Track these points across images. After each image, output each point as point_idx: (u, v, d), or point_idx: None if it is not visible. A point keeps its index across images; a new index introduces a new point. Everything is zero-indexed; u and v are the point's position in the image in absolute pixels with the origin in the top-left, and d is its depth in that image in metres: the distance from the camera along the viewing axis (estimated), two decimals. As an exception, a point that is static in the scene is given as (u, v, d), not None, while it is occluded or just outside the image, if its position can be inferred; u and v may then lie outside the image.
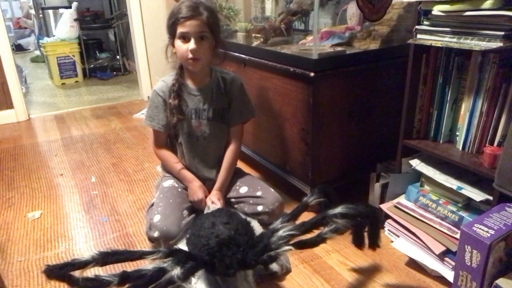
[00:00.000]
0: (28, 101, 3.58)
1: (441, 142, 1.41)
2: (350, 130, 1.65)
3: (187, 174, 1.58)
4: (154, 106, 1.55)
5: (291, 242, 1.03)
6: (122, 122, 3.02)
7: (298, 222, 1.09)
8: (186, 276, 0.95)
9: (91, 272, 1.24)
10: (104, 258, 0.98)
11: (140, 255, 1.01)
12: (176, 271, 0.93)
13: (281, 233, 1.03)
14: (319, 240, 1.04)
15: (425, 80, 1.39)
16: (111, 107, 3.43)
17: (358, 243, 1.20)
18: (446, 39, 1.24)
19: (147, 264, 0.96)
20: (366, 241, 1.18)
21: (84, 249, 1.52)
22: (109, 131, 2.83)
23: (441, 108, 1.38)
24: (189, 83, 1.54)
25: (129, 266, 1.30)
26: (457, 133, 1.36)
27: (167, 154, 1.61)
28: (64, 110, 3.39)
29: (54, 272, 1.01)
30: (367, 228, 1.16)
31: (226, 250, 1.01)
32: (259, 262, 1.02)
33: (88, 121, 3.08)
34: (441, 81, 1.35)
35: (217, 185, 1.57)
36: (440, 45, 1.26)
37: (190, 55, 1.41)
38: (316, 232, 1.05)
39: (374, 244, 1.18)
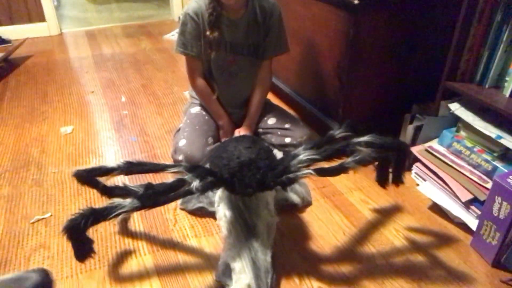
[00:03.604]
0: (60, 15, 3.54)
1: (486, 87, 1.31)
2: (390, 69, 1.55)
3: (220, 110, 1.55)
4: (187, 32, 1.44)
5: (312, 168, 1.01)
6: (152, 43, 2.97)
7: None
8: (205, 189, 0.97)
9: (119, 181, 1.30)
10: (129, 167, 1.02)
11: (163, 167, 1.03)
12: (195, 183, 0.96)
13: (301, 157, 1.01)
14: (341, 169, 1.00)
15: (480, 17, 1.26)
16: (141, 26, 3.36)
17: (382, 180, 1.17)
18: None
19: (170, 179, 0.99)
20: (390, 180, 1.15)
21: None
22: (139, 51, 2.80)
23: (494, 50, 1.27)
24: (224, 13, 1.44)
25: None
26: (507, 79, 1.26)
27: (203, 86, 1.53)
28: (95, 26, 3.35)
29: (83, 175, 1.07)
30: (392, 165, 1.12)
31: (246, 171, 1.01)
32: (278, 183, 1.02)
33: (119, 40, 3.05)
34: (499, 18, 1.22)
35: (246, 121, 1.55)
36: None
37: None
38: (338, 162, 1.02)
39: (398, 179, 1.13)
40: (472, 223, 1.21)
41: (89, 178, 1.11)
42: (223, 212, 1.13)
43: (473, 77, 1.35)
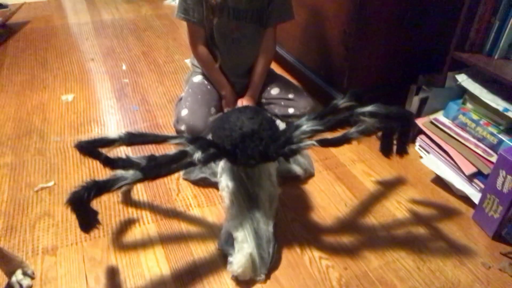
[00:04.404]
0: (57, -22, 3.43)
1: (496, 58, 1.28)
2: (397, 38, 1.51)
3: (222, 79, 1.52)
4: None
5: (315, 139, 1.00)
6: (152, 9, 2.90)
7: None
8: (207, 161, 0.97)
9: (121, 153, 1.30)
10: (131, 138, 1.01)
11: (165, 138, 1.03)
12: (198, 155, 0.95)
13: (304, 128, 1.00)
14: (344, 140, 0.99)
15: (493, -16, 1.21)
16: (141, -9, 3.27)
17: (386, 151, 1.14)
18: None
19: (172, 150, 0.99)
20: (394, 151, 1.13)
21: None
22: (139, 18, 2.73)
23: (505, 19, 1.23)
24: None
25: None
26: (517, 50, 1.22)
27: (205, 54, 1.49)
28: (94, -9, 3.25)
29: (85, 147, 1.06)
30: (396, 135, 1.10)
31: (249, 141, 1.01)
32: (280, 154, 1.01)
33: (118, 5, 2.97)
34: (513, -14, 1.18)
35: (249, 91, 1.52)
36: None
37: None
38: (342, 132, 1.00)
39: (403, 150, 1.10)
40: (475, 196, 1.21)
41: (90, 149, 1.10)
42: (225, 182, 1.13)
43: (483, 47, 1.31)
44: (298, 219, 1.20)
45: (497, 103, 1.23)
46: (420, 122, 1.41)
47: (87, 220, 0.97)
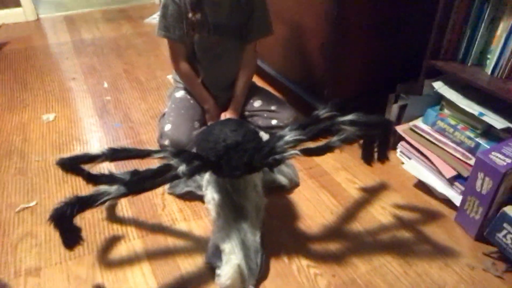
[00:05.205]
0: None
1: (469, 65, 1.33)
2: (374, 48, 1.55)
3: (205, 94, 1.53)
4: (169, 15, 1.41)
5: (298, 148, 1.01)
6: (133, 27, 2.91)
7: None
8: (191, 173, 0.97)
9: (105, 169, 1.29)
10: (114, 154, 1.00)
11: (148, 153, 1.02)
12: (182, 168, 0.95)
13: (287, 138, 1.02)
14: (326, 148, 1.01)
15: (462, -6, 1.27)
16: (121, 10, 3.28)
17: (368, 158, 1.17)
18: None
19: (156, 164, 0.98)
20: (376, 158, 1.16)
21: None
22: (120, 36, 2.74)
23: (475, 27, 1.28)
24: None
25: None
26: (488, 56, 1.27)
27: (187, 69, 1.50)
28: (74, 11, 3.25)
29: (67, 163, 1.05)
30: (377, 142, 1.13)
31: (233, 153, 1.01)
32: (265, 164, 1.02)
33: (99, 24, 2.97)
34: (480, -3, 1.23)
35: (232, 105, 1.53)
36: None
37: None
38: (324, 141, 1.02)
39: (384, 156, 1.14)
40: (456, 199, 1.24)
41: (73, 166, 1.09)
42: (211, 195, 1.13)
43: (456, 55, 1.36)
44: (285, 228, 1.20)
45: (473, 108, 1.27)
46: (400, 129, 1.45)
47: (71, 237, 0.95)
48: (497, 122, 1.20)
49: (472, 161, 1.23)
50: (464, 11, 1.29)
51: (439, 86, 1.38)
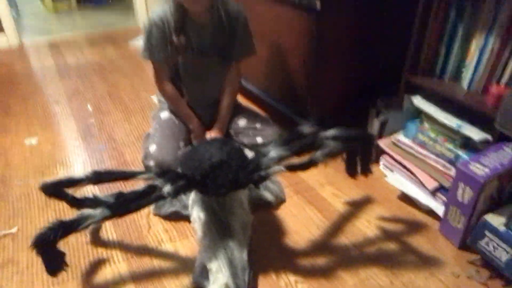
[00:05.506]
0: (20, 25, 3.42)
1: (446, 80, 1.37)
2: (354, 65, 1.59)
3: (190, 113, 1.54)
4: (153, 38, 1.42)
5: (282, 164, 1.03)
6: (117, 50, 2.93)
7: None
8: (176, 193, 0.97)
9: (89, 192, 1.27)
10: (97, 177, 1.00)
11: (133, 174, 1.02)
12: (167, 188, 0.95)
13: (272, 154, 1.03)
14: (310, 163, 1.03)
15: (436, 14, 1.32)
16: (105, 34, 3.30)
17: (351, 171, 1.20)
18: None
19: (141, 185, 0.98)
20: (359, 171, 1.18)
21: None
22: (104, 59, 2.75)
23: (450, 44, 1.33)
24: (189, 18, 1.42)
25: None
26: (463, 71, 1.32)
27: (171, 90, 1.51)
28: (57, 35, 3.26)
29: (50, 188, 1.04)
30: (359, 156, 1.16)
31: (219, 171, 1.02)
32: (250, 181, 1.03)
33: (83, 48, 2.98)
34: (453, 15, 1.28)
35: (217, 124, 1.54)
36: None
37: None
38: (308, 157, 1.04)
39: (366, 169, 1.17)
40: (439, 209, 1.26)
41: (56, 190, 1.08)
42: (197, 214, 1.13)
43: (433, 71, 1.40)
44: (272, 244, 1.20)
45: (451, 121, 1.31)
46: (382, 143, 1.48)
47: (54, 263, 0.94)
48: (475, 133, 1.24)
49: (452, 172, 1.25)
50: (438, 30, 1.34)
51: (418, 101, 1.41)
